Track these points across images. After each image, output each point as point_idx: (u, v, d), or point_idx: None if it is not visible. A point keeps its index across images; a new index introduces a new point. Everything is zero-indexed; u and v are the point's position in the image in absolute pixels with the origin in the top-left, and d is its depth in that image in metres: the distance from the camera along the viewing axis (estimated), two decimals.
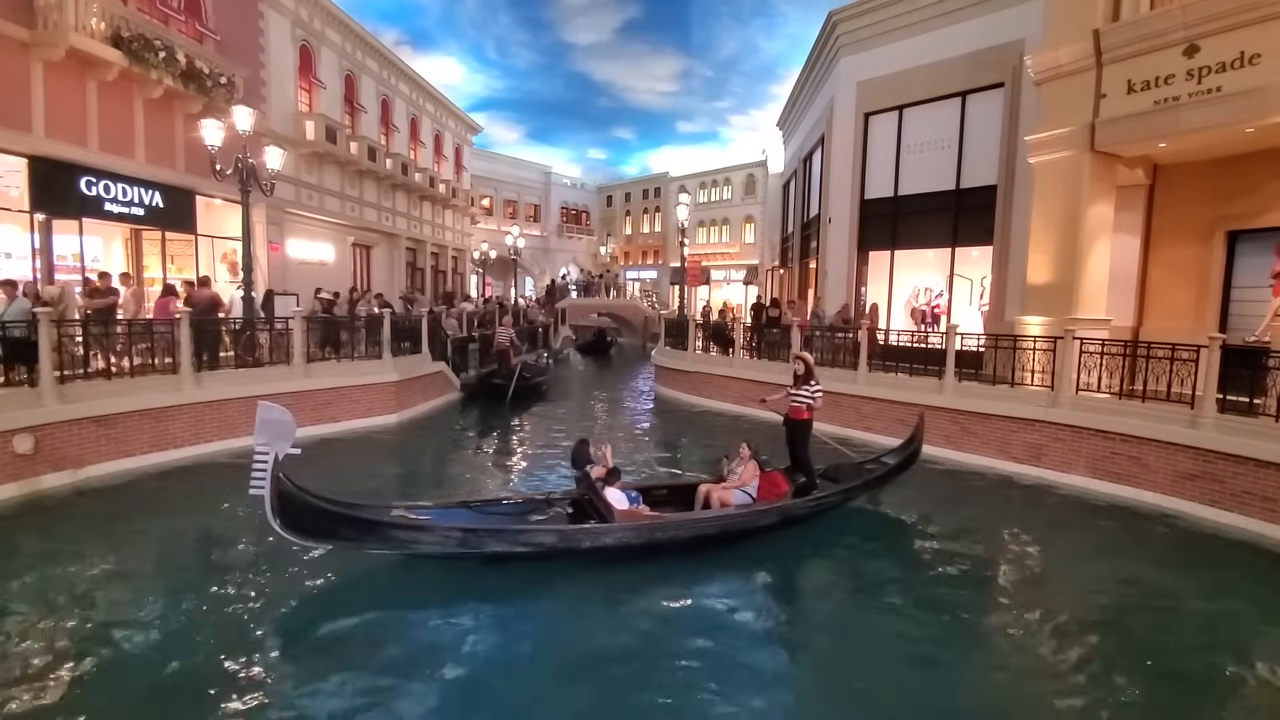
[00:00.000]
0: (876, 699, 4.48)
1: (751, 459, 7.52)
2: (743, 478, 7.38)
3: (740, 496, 7.18)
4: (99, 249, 13.35)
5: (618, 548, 6.33)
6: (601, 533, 6.23)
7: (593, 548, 6.28)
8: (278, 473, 5.15)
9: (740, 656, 4.94)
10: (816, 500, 7.43)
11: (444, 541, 5.85)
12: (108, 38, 11.63)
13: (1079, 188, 10.51)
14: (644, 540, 6.40)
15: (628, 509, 6.58)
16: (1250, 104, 8.74)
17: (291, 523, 5.31)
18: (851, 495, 7.87)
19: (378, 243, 23.72)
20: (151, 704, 4.23)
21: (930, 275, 16.17)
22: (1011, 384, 10.53)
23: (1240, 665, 4.96)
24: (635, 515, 6.53)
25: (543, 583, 6.01)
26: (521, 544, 6.08)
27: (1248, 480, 7.87)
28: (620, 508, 6.49)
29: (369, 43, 21.80)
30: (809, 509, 7.41)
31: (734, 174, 43.71)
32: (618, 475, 6.95)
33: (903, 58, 15.44)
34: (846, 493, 7.75)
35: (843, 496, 7.73)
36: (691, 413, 15.23)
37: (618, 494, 6.69)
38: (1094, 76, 10.33)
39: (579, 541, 6.24)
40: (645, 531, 6.39)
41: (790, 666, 5.01)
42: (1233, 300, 11.16)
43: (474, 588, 5.91)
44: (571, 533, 6.25)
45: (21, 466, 8.06)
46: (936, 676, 4.79)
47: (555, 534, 6.20)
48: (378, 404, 12.59)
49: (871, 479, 7.97)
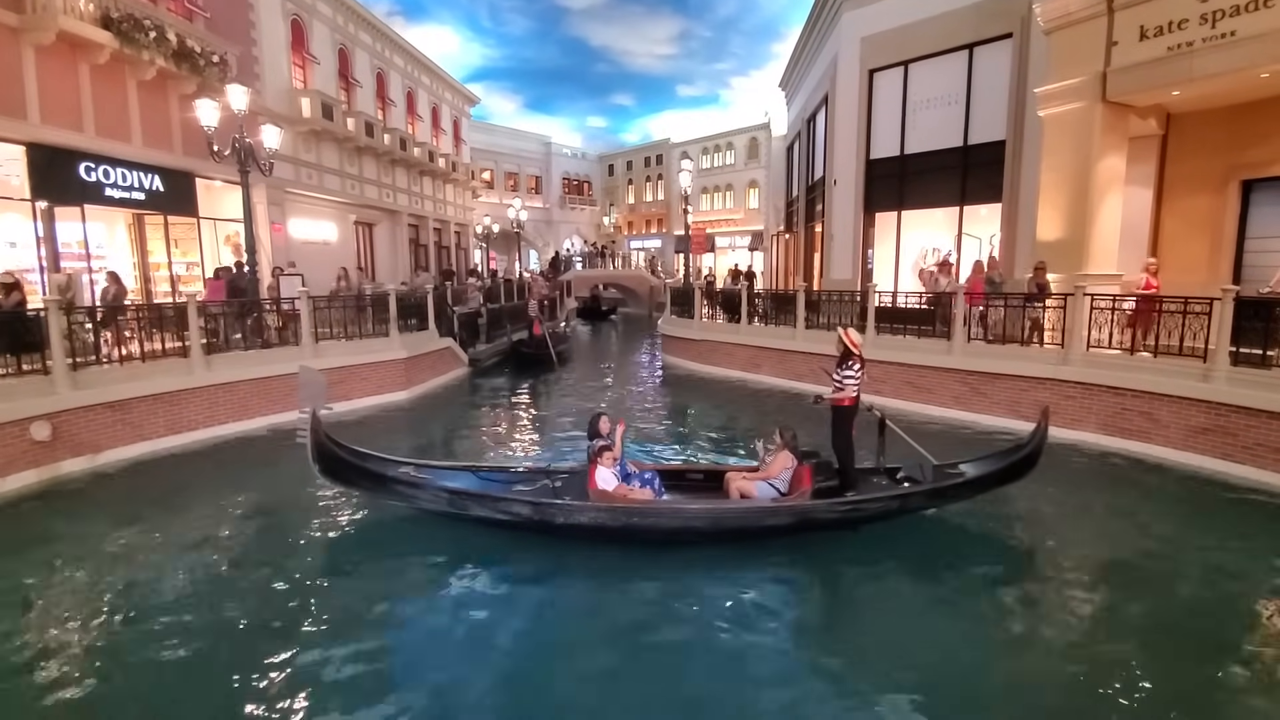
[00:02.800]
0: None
1: (784, 448, 6.54)
2: (770, 468, 6.55)
3: (765, 489, 6.37)
4: (103, 235, 13.34)
5: (593, 528, 6.11)
6: (575, 510, 6.11)
7: (567, 524, 6.13)
8: (316, 426, 6.20)
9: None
10: (851, 505, 6.24)
11: (435, 500, 6.43)
12: (97, 19, 11.46)
13: (1090, 140, 10.30)
14: (620, 524, 6.03)
15: (611, 489, 6.20)
16: (1265, 48, 8.51)
17: (326, 469, 6.40)
18: (907, 503, 6.45)
19: (380, 220, 23.59)
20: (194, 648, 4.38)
21: (939, 235, 15.98)
22: (1022, 342, 10.47)
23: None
24: (610, 497, 6.12)
25: (540, 552, 6.13)
26: (500, 512, 6.26)
27: (1260, 433, 7.84)
28: (604, 487, 6.17)
29: (361, 15, 21.38)
30: (838, 513, 6.23)
31: (736, 138, 43.02)
32: (609, 451, 6.43)
33: (907, 10, 15.04)
34: (897, 499, 6.40)
35: (887, 504, 6.38)
36: (700, 380, 15.25)
37: (604, 472, 6.28)
38: (1105, 23, 10.05)
39: (553, 516, 6.12)
40: (620, 515, 6.01)
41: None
42: (1246, 251, 10.99)
43: (469, 548, 6.23)
44: (545, 506, 6.14)
45: (41, 453, 8.20)
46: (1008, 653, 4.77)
47: (530, 506, 6.17)
48: (388, 381, 12.67)
49: (944, 486, 6.43)
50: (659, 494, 6.45)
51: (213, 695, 4.18)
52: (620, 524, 6.03)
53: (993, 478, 6.45)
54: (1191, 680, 4.29)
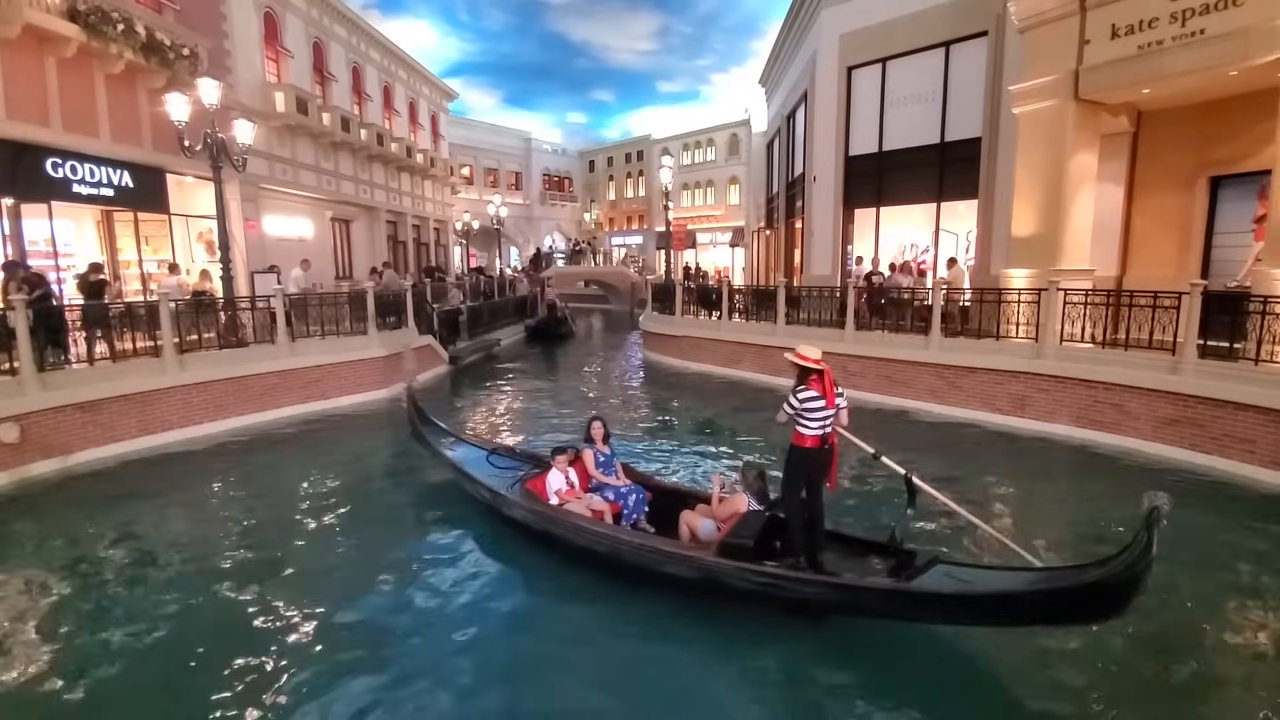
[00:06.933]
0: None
1: (744, 491, 5.44)
2: (719, 509, 5.48)
3: (708, 528, 5.36)
4: (71, 233, 13.02)
5: (524, 525, 6.12)
6: (513, 504, 6.12)
7: (510, 517, 6.28)
8: (411, 396, 7.98)
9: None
10: (768, 578, 4.58)
11: (447, 472, 7.39)
12: (63, 12, 11.15)
13: (1063, 137, 10.46)
14: (541, 528, 5.90)
15: (556, 490, 6.02)
16: (1234, 47, 8.68)
17: (414, 434, 7.87)
18: (860, 600, 4.48)
19: (357, 216, 23.28)
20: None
21: (917, 231, 16.15)
22: (997, 337, 10.62)
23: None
24: (540, 496, 5.99)
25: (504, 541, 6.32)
26: (478, 494, 6.70)
27: (1227, 423, 8.03)
28: (553, 486, 6.03)
29: (335, 8, 21.04)
30: (751, 584, 4.64)
31: (717, 134, 43.07)
32: (562, 452, 6.26)
33: (886, 7, 15.14)
34: (845, 591, 4.47)
35: (826, 592, 4.52)
36: (681, 377, 15.28)
37: (554, 473, 6.12)
38: (1078, 22, 10.20)
39: (501, 506, 6.32)
40: (541, 520, 5.86)
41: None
42: (1215, 246, 11.24)
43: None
44: (503, 497, 6.20)
45: (9, 455, 8.01)
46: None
47: (490, 493, 6.37)
48: (366, 379, 12.53)
49: (923, 593, 4.16)
50: (630, 512, 5.97)
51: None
52: (541, 529, 5.94)
53: (1029, 601, 3.92)
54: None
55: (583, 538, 5.53)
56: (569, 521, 5.63)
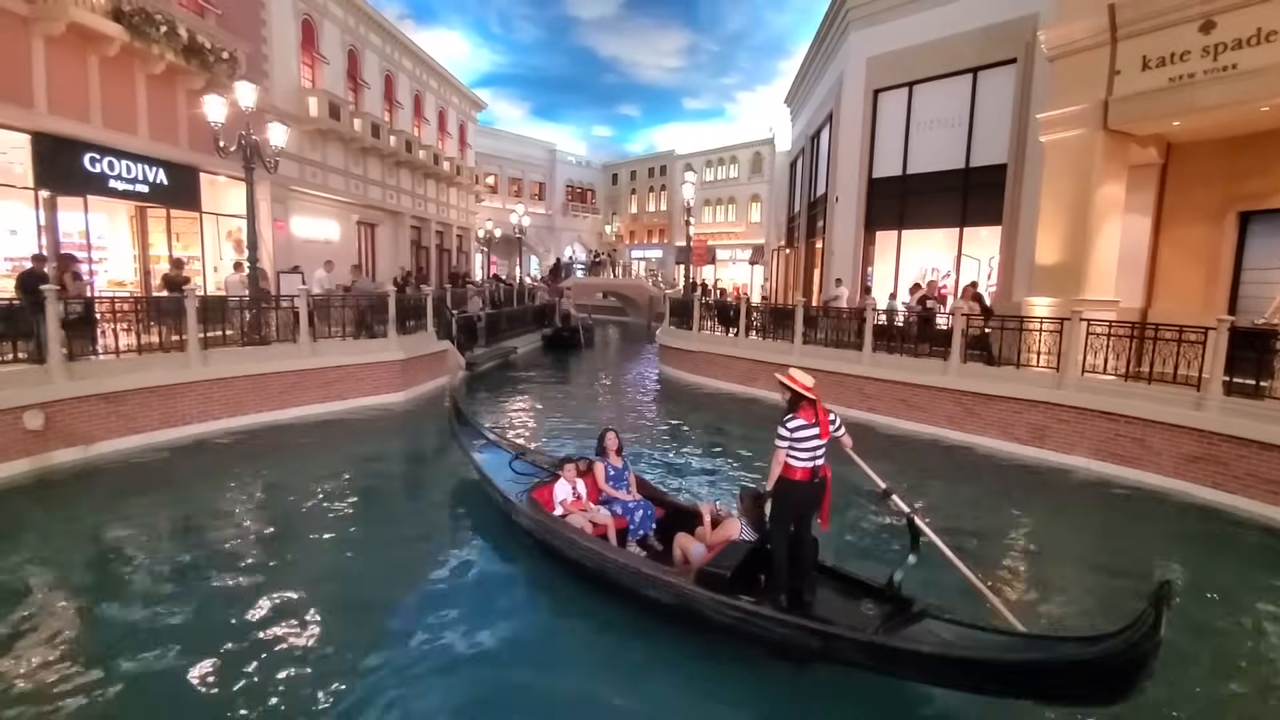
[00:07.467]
0: None
1: (740, 517, 5.27)
2: (710, 534, 5.38)
3: (698, 552, 5.23)
4: (105, 226, 13.35)
5: (525, 531, 6.24)
6: (519, 511, 6.19)
7: (515, 522, 6.41)
8: (453, 392, 8.44)
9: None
10: (742, 613, 4.34)
11: (468, 462, 7.54)
12: (108, 12, 11.51)
13: (1090, 167, 10.38)
14: (541, 538, 5.95)
15: (561, 500, 6.03)
16: (1266, 81, 8.59)
17: (452, 433, 8.10)
18: (831, 648, 4.11)
19: (382, 221, 23.65)
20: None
21: (939, 255, 16.05)
22: (1017, 365, 10.51)
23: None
24: (545, 505, 5.99)
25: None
26: (494, 497, 6.78)
27: (1251, 463, 7.87)
28: (559, 497, 6.06)
29: (371, 16, 21.52)
30: (727, 618, 4.43)
31: (740, 152, 43.25)
32: (570, 462, 6.28)
33: (914, 32, 15.17)
34: (814, 636, 4.12)
35: (796, 635, 4.19)
36: (696, 392, 15.25)
37: (561, 483, 6.14)
38: (1108, 52, 10.15)
39: (510, 512, 6.42)
40: (540, 529, 5.89)
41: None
42: (1243, 282, 11.06)
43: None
44: (513, 503, 6.29)
45: (33, 442, 8.17)
46: None
47: (502, 498, 6.50)
48: (384, 382, 12.65)
49: (900, 650, 3.83)
50: (637, 527, 5.91)
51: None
52: (541, 538, 5.94)
53: (1015, 671, 3.56)
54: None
55: (574, 551, 5.48)
56: (564, 534, 5.59)
